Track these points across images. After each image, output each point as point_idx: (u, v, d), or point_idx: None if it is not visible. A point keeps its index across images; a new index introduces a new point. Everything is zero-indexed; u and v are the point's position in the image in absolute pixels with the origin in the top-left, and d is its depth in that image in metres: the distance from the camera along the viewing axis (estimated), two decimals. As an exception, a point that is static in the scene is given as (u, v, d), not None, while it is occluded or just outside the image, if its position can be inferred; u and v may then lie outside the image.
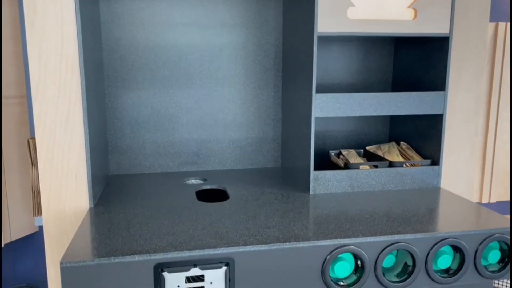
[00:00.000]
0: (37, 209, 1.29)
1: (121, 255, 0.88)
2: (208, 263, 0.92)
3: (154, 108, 1.59)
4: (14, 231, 1.71)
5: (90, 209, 1.24)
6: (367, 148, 1.62)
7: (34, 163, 1.24)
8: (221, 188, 1.46)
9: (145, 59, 1.54)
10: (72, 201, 1.25)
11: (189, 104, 1.61)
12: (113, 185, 1.46)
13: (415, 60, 1.50)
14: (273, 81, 1.64)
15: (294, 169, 1.52)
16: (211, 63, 1.59)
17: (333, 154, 1.61)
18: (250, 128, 1.68)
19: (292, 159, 1.54)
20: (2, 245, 1.64)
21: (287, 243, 0.95)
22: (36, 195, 1.27)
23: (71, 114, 1.21)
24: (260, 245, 0.94)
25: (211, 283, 0.92)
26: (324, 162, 1.61)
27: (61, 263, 0.85)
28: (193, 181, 1.57)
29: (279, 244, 0.95)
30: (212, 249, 0.92)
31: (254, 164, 1.71)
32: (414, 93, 1.35)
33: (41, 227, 1.85)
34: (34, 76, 1.17)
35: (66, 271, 0.85)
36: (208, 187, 1.48)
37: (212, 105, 1.63)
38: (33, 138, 1.26)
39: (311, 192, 1.35)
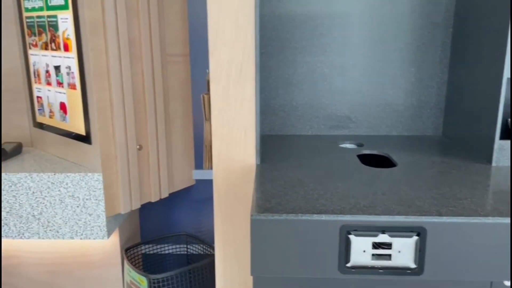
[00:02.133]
0: (209, 162, 1.34)
1: (308, 213, 0.86)
2: (398, 231, 0.85)
3: (309, 68, 1.54)
4: (176, 183, 1.83)
5: (257, 165, 1.25)
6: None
7: (207, 118, 1.27)
8: (383, 154, 1.38)
9: (303, 16, 1.49)
10: (241, 157, 1.27)
11: (344, 64, 1.53)
12: (268, 145, 1.46)
13: None
14: (441, 38, 1.47)
15: (466, 138, 1.36)
16: (372, 17, 1.48)
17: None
18: (409, 91, 1.54)
19: (464, 126, 1.38)
20: (167, 195, 1.76)
21: (490, 217, 0.84)
22: (208, 149, 1.31)
23: (244, 70, 1.21)
24: (457, 217, 0.84)
25: (399, 251, 0.85)
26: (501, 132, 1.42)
27: (251, 215, 0.85)
28: (347, 145, 1.51)
29: (480, 218, 0.84)
30: (403, 216, 0.85)
31: (412, 130, 1.58)
32: None
33: (198, 181, 1.95)
34: (212, 30, 1.18)
35: (255, 223, 0.86)
36: (368, 151, 1.40)
37: (368, 66, 1.52)
38: (208, 93, 1.30)
39: (493, 164, 1.19)
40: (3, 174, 1.49)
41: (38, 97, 1.71)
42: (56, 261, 1.74)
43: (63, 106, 1.59)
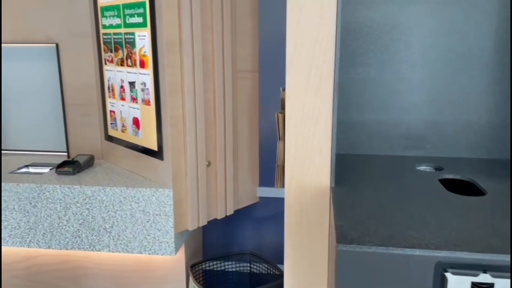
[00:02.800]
0: (280, 182, 1.30)
1: (399, 246, 0.79)
2: (502, 271, 0.76)
3: (381, 83, 1.47)
4: (240, 200, 1.81)
5: (332, 188, 1.19)
6: None
7: (281, 137, 1.23)
8: (468, 180, 1.27)
9: (373, 29, 1.43)
10: (314, 178, 1.22)
11: (420, 80, 1.44)
12: (340, 165, 1.40)
13: None
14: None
15: None
16: (453, 31, 1.39)
17: None
18: (493, 110, 1.43)
19: None
20: (232, 212, 1.75)
21: None
22: (280, 168, 1.28)
23: (322, 86, 1.17)
24: None
25: (503, 294, 0.76)
26: None
27: (336, 245, 0.80)
28: (425, 167, 1.41)
29: None
30: (507, 255, 0.76)
31: (495, 153, 1.46)
32: None
33: (261, 198, 1.92)
34: (290, 45, 1.15)
35: (341, 254, 0.80)
36: (451, 176, 1.30)
37: (446, 82, 1.43)
38: (282, 112, 1.27)
39: None
40: (77, 186, 1.53)
41: (111, 111, 1.76)
42: (122, 275, 1.76)
43: (136, 121, 1.62)
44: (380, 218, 0.95)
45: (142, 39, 1.48)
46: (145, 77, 1.51)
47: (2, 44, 1.84)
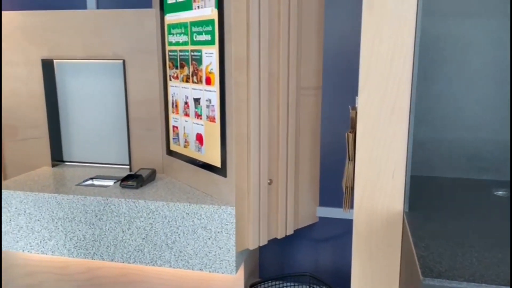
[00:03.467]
0: (348, 204, 1.25)
1: (493, 284, 0.72)
2: None
3: (454, 102, 1.39)
4: (300, 220, 1.77)
5: (406, 213, 1.13)
6: None
7: (351, 157, 1.19)
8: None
9: (447, 42, 1.35)
10: (386, 202, 1.16)
11: (495, 97, 1.35)
12: (411, 187, 1.32)
13: None
14: None
15: None
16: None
17: None
18: None
19: None
20: (292, 232, 1.71)
21: None
22: (349, 190, 1.23)
23: (397, 107, 1.11)
24: None
25: None
26: None
27: (423, 279, 0.74)
28: (503, 193, 1.31)
29: None
30: None
31: None
32: None
33: (321, 218, 1.87)
34: (364, 64, 1.11)
35: (428, 289, 0.74)
36: (535, 204, 1.20)
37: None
38: (352, 131, 1.22)
39: None
40: (141, 201, 1.55)
41: (174, 126, 1.78)
42: (181, 290, 1.76)
43: (199, 137, 1.63)
44: (466, 250, 0.88)
45: (209, 56, 1.49)
46: (210, 94, 1.52)
47: (75, 60, 1.92)
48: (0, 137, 2.02)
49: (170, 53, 1.72)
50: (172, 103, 1.76)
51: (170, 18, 1.68)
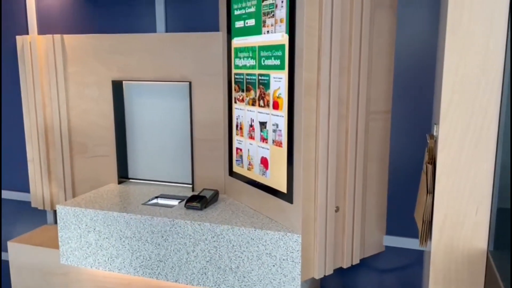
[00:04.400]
0: (425, 239, 1.18)
1: None
2: None
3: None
4: (366, 249, 1.70)
5: (490, 252, 1.04)
6: None
7: (429, 190, 1.12)
8: None
9: None
10: (468, 239, 1.09)
11: None
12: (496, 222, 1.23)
13: None
14: None
15: None
16: None
17: None
18: None
19: None
20: (358, 261, 1.64)
21: None
22: (427, 224, 1.16)
23: (484, 136, 1.04)
24: None
25: None
26: None
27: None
28: None
29: None
30: None
31: None
32: None
33: (387, 247, 1.79)
34: (446, 91, 1.05)
35: None
36: None
37: None
38: (431, 161, 1.16)
39: None
40: (207, 224, 1.55)
41: (237, 148, 1.78)
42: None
43: (264, 161, 1.61)
44: None
45: (278, 81, 1.48)
46: (278, 118, 1.50)
47: (145, 82, 1.98)
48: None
49: (236, 76, 1.73)
50: (237, 125, 1.77)
51: (238, 42, 1.69)
